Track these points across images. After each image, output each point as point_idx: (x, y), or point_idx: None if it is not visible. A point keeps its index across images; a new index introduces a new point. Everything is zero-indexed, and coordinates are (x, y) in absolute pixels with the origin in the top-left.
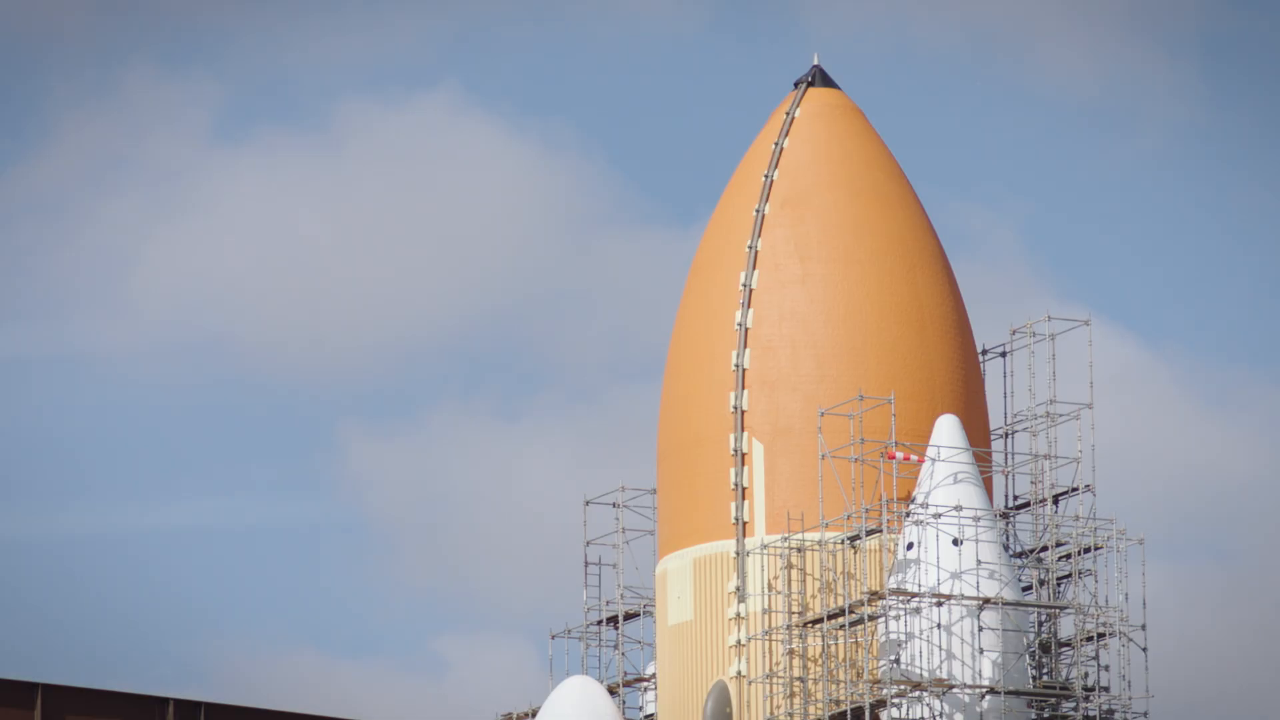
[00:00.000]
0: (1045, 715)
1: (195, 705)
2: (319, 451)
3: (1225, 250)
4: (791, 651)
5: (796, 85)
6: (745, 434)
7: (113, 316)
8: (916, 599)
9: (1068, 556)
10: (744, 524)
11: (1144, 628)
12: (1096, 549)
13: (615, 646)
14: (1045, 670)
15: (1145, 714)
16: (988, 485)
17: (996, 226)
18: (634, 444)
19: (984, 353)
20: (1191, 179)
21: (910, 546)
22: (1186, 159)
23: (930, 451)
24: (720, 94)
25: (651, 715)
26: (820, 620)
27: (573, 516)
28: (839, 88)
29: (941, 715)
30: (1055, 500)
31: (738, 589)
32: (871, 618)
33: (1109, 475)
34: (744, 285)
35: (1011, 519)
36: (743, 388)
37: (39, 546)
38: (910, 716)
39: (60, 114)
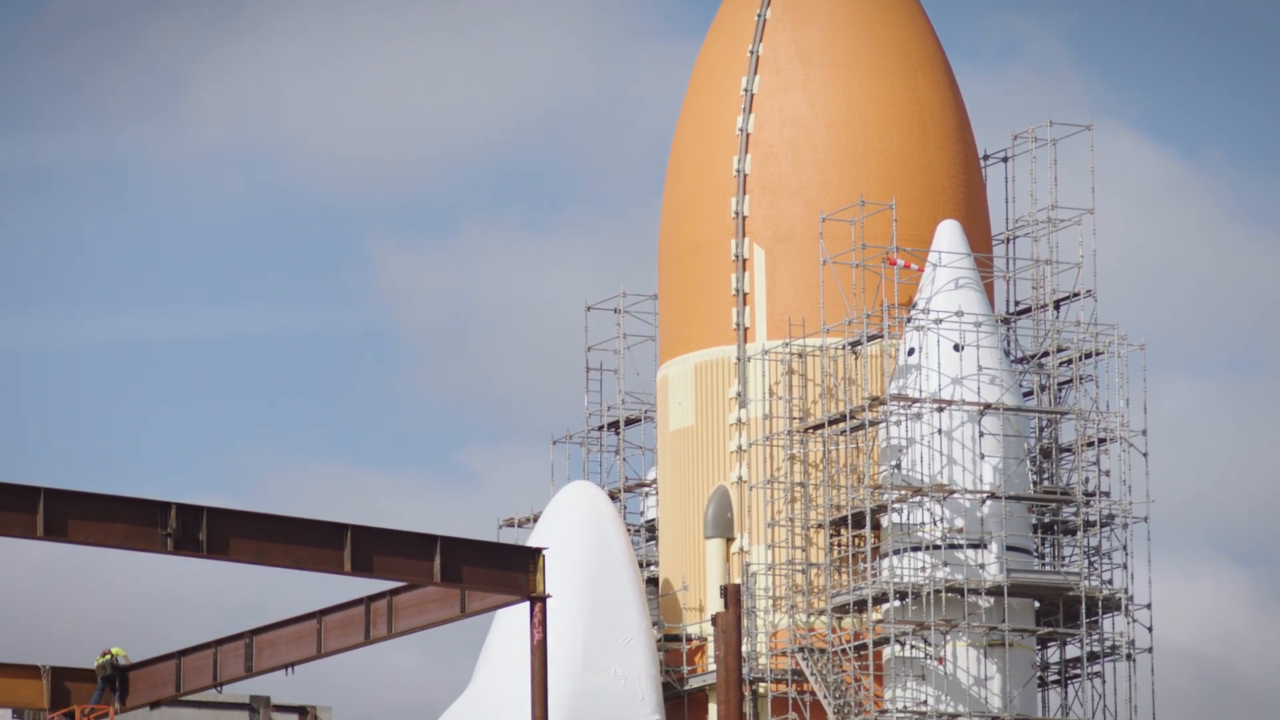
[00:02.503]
0: (1046, 520)
1: (198, 510)
2: (349, 263)
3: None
4: (792, 457)
5: None
6: (746, 239)
7: (161, 129)
8: (917, 404)
9: (1069, 362)
10: (745, 329)
11: (1144, 433)
12: (1097, 354)
13: (616, 452)
14: (1046, 475)
15: (1146, 519)
16: (989, 291)
17: (1019, 31)
18: (645, 250)
19: (985, 158)
20: None
21: (911, 352)
22: None
23: (931, 257)
24: None
25: (652, 520)
26: (821, 426)
27: (591, 325)
28: None
29: (942, 520)
30: (1057, 305)
31: (739, 394)
32: (872, 423)
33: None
34: (745, 90)
35: (1013, 324)
36: (744, 193)
37: (62, 354)
38: (911, 521)
39: None
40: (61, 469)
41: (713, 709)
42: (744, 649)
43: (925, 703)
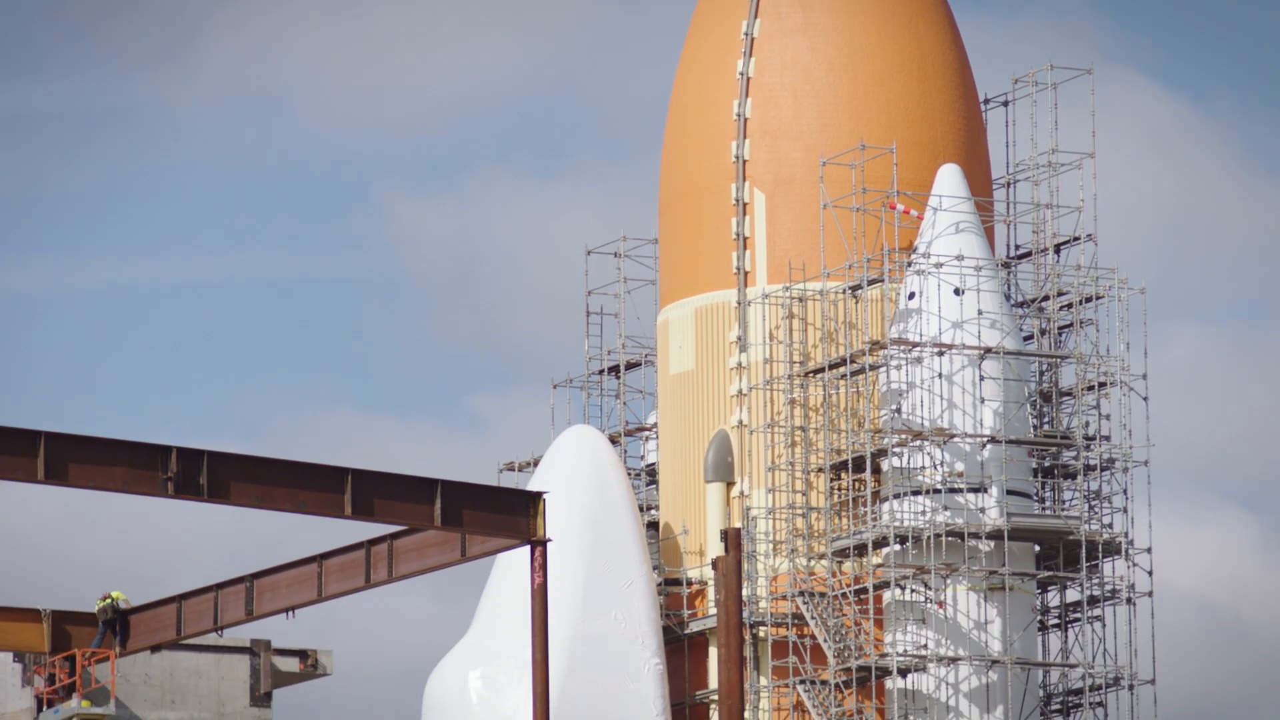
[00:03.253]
0: (1046, 464)
1: (198, 453)
2: (358, 210)
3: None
4: (793, 401)
5: None
6: (747, 183)
7: (173, 75)
8: (918, 348)
9: (1069, 306)
10: (745, 274)
11: (1145, 377)
12: (1098, 298)
13: (616, 396)
14: (1046, 419)
15: (1146, 463)
16: (989, 235)
17: None
18: (650, 195)
19: (986, 102)
20: None
21: (912, 296)
22: None
23: (932, 201)
24: None
25: (652, 464)
26: (821, 370)
27: (597, 270)
28: None
29: (942, 464)
30: (1057, 249)
31: (739, 338)
32: (873, 367)
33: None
34: (746, 34)
35: (1013, 268)
36: (744, 137)
37: (70, 298)
38: (911, 465)
39: None
40: (68, 414)
41: (713, 653)
42: (744, 593)
43: (925, 646)
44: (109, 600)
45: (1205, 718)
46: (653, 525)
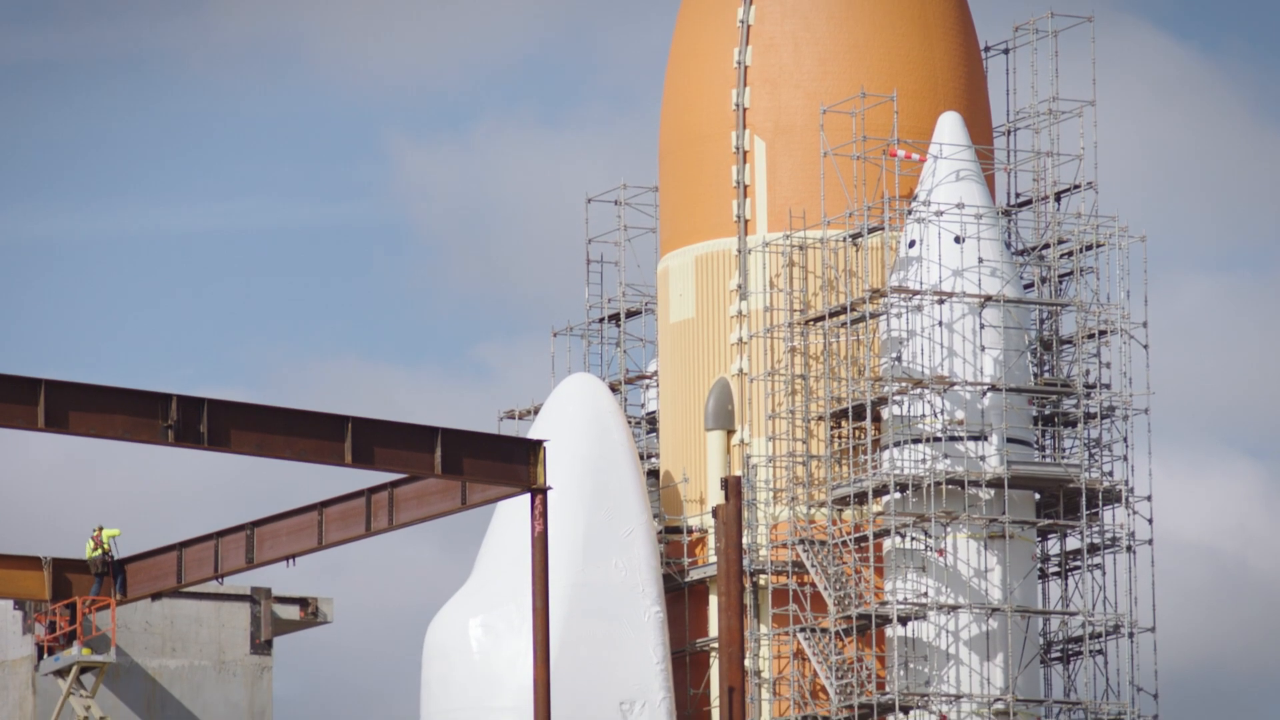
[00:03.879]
0: (1046, 412)
1: (198, 401)
2: (366, 159)
3: None
4: (793, 349)
5: None
6: (747, 131)
7: (185, 24)
8: (918, 296)
9: (1069, 254)
10: (745, 222)
11: (1145, 324)
12: (1098, 246)
13: (617, 344)
14: (1046, 367)
15: (1146, 410)
16: (990, 183)
17: None
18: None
19: (986, 50)
20: None
21: (912, 244)
22: None
23: (932, 149)
24: None
25: (653, 412)
26: (822, 318)
27: (598, 218)
28: None
29: (943, 412)
30: (1058, 197)
31: (739, 287)
32: (873, 315)
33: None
34: None
35: (1013, 216)
36: (745, 85)
37: (77, 246)
38: (911, 413)
39: None
40: (72, 362)
41: (713, 601)
42: (744, 541)
43: (925, 594)
44: (99, 551)
45: (1213, 666)
46: (653, 473)
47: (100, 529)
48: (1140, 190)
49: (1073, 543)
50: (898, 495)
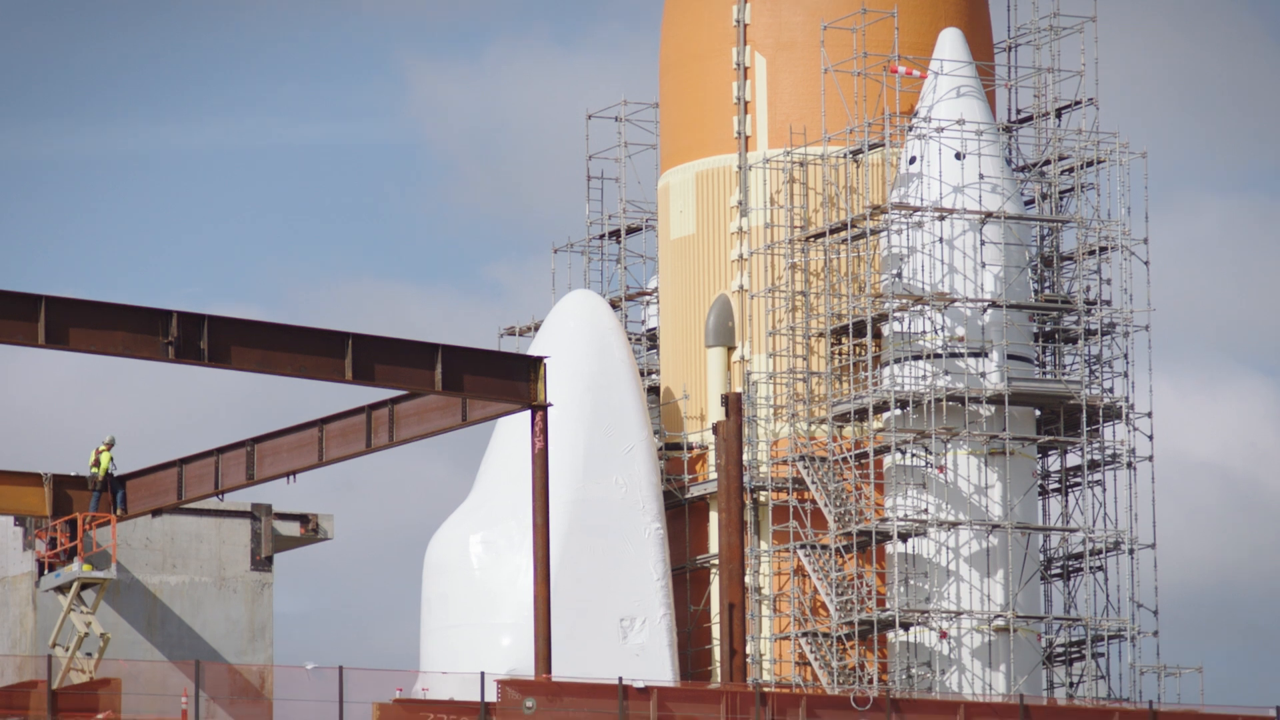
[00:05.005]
0: (1047, 329)
1: (199, 318)
2: (379, 79)
3: None
4: (793, 266)
5: None
6: (748, 47)
7: None
8: (919, 213)
9: (1070, 170)
10: (746, 138)
11: (1146, 241)
12: (1099, 163)
13: (617, 260)
14: (1047, 284)
15: (1147, 327)
16: (990, 99)
17: None
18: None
19: None
20: None
21: (913, 160)
22: None
23: (933, 65)
24: None
25: (653, 329)
26: (822, 234)
27: (599, 135)
28: None
29: (943, 328)
30: (1058, 114)
31: (740, 203)
32: (873, 232)
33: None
34: None
35: (1014, 132)
36: (745, 1)
37: (95, 164)
38: (912, 330)
39: None
40: (84, 281)
41: (713, 517)
42: (745, 457)
43: (926, 511)
44: (95, 469)
45: (1225, 584)
46: (653, 390)
47: (108, 444)
48: (1143, 107)
49: (1073, 459)
50: (898, 412)
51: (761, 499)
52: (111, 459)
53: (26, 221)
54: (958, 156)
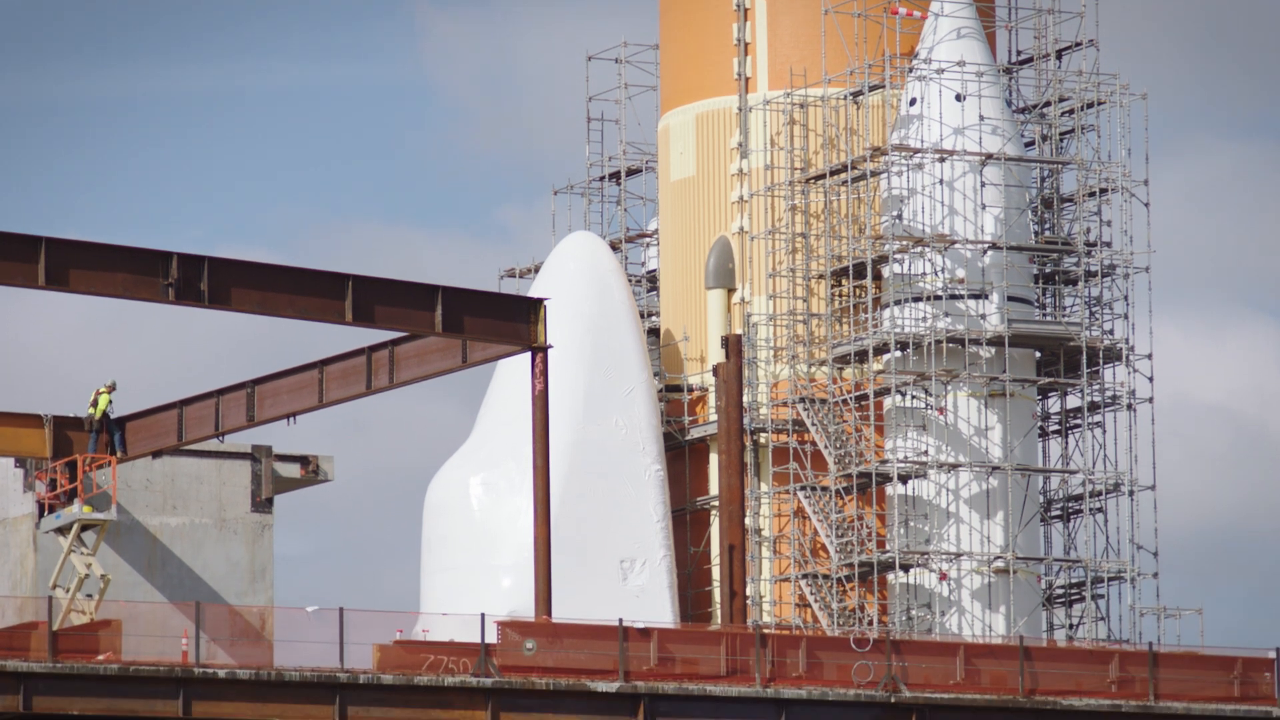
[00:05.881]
0: (1047, 270)
1: (199, 259)
2: (391, 22)
3: None
4: (794, 207)
5: None
6: None
7: None
8: (919, 154)
9: (1070, 112)
10: (746, 79)
11: (1146, 183)
12: (1100, 104)
13: (617, 202)
14: (1047, 225)
15: (1147, 268)
16: (991, 41)
17: None
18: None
19: None
20: None
21: (913, 102)
22: None
23: (934, 6)
24: None
25: (653, 271)
26: (822, 176)
27: (599, 77)
28: None
29: (943, 270)
30: (1059, 55)
31: (740, 145)
32: (874, 173)
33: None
34: None
35: (1014, 74)
36: None
37: (106, 106)
38: (912, 271)
39: None
40: (94, 223)
41: (714, 459)
42: (745, 399)
43: (926, 453)
44: (92, 410)
45: (1232, 527)
46: (653, 332)
47: (109, 386)
48: (1144, 49)
49: (1073, 401)
50: (898, 353)
51: (761, 441)
52: (110, 401)
53: (34, 164)
54: (958, 98)
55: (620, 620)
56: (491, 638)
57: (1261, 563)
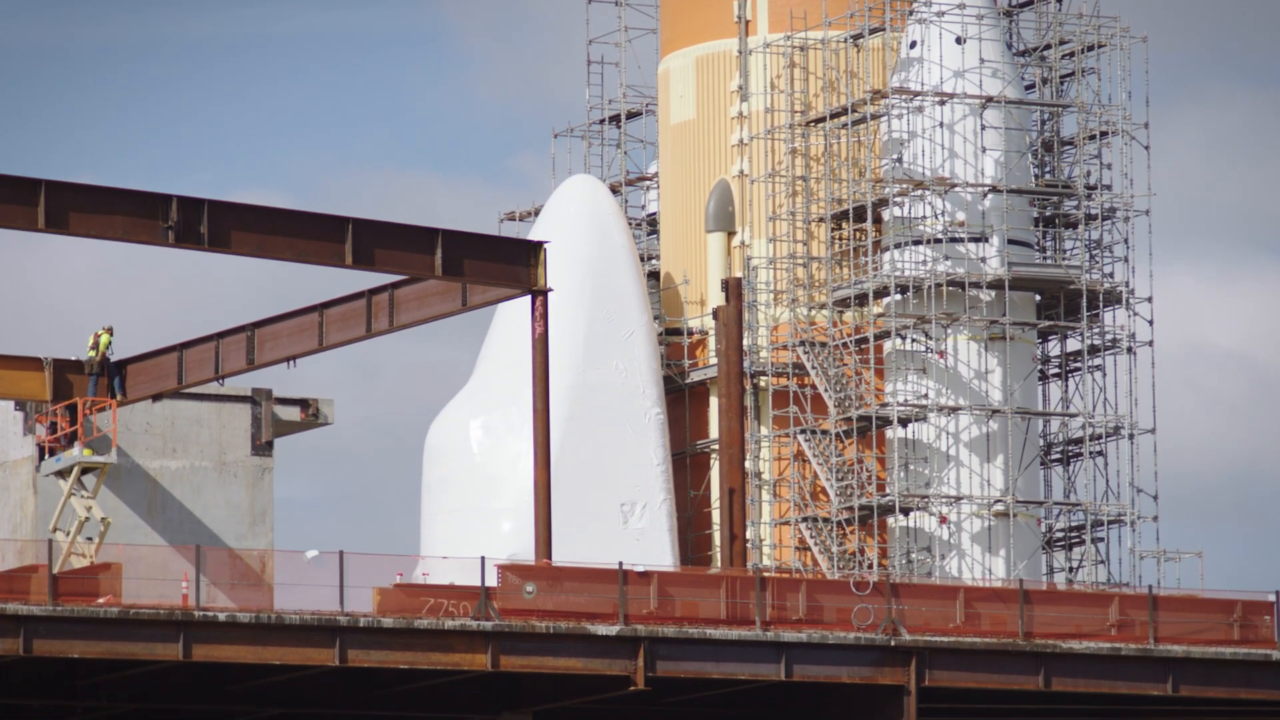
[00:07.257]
0: (1047, 214)
1: (199, 202)
2: None
3: None
4: (794, 150)
5: None
6: None
7: None
8: (919, 97)
9: (1071, 54)
10: (746, 22)
11: (1147, 126)
12: (1100, 47)
13: (617, 145)
14: (1047, 169)
15: (1147, 212)
16: None
17: None
18: None
19: None
20: None
21: (913, 45)
22: None
23: None
24: None
25: (653, 214)
26: (822, 119)
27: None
28: None
29: (943, 213)
30: None
31: (740, 88)
32: (874, 116)
33: None
34: None
35: (1015, 17)
36: None
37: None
38: (912, 215)
39: None
40: (105, 168)
41: (714, 402)
42: (745, 343)
43: (925, 396)
44: (93, 352)
45: (1245, 473)
46: (653, 275)
47: (107, 329)
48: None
49: (1073, 344)
50: (898, 297)
51: (761, 384)
52: (109, 344)
53: (46, 109)
54: (958, 41)
55: (620, 564)
56: (491, 581)
57: (1270, 507)
